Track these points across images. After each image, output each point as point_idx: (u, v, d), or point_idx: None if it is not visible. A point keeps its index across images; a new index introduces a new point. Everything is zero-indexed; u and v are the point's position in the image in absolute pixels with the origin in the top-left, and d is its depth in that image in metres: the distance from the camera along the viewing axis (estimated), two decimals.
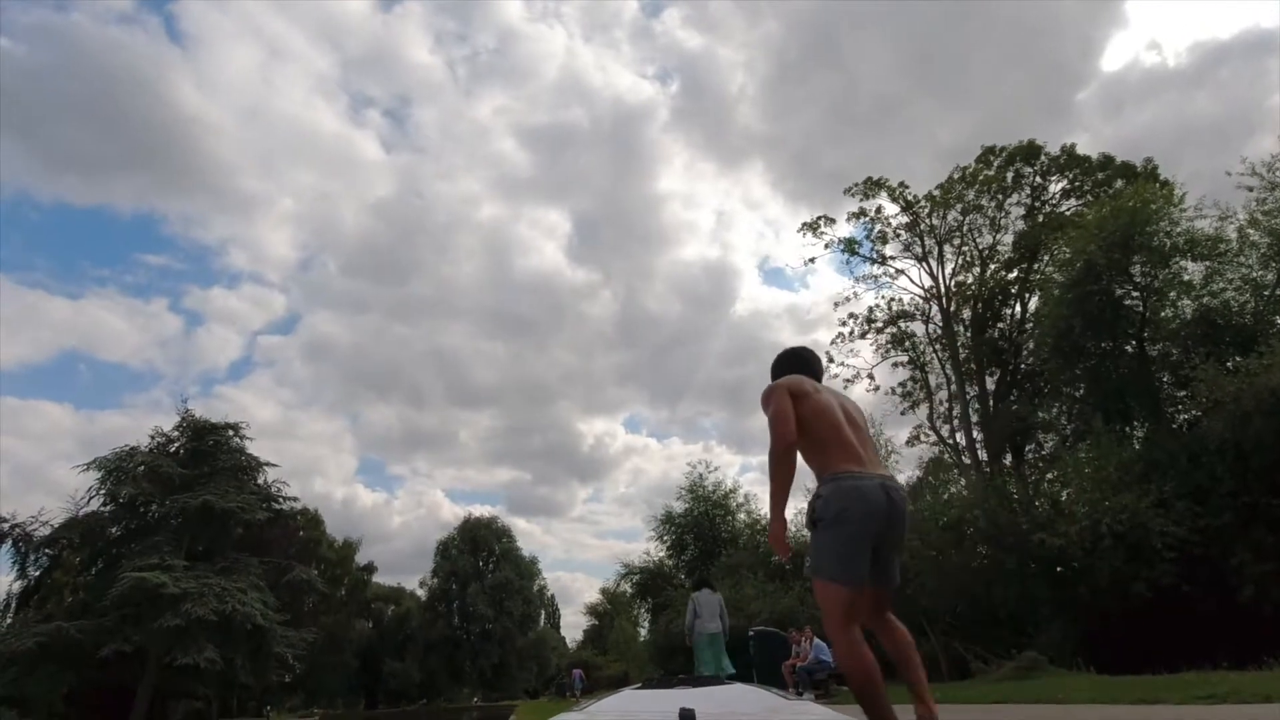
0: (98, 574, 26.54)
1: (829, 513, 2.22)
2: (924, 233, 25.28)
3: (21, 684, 23.58)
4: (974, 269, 24.86)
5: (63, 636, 22.87)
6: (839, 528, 2.19)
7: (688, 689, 2.17)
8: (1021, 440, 22.34)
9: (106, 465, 26.83)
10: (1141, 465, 13.17)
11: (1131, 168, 21.97)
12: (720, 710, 1.45)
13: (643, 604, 29.83)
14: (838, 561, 2.17)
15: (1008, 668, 10.69)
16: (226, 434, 29.64)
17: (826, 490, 2.28)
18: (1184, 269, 15.43)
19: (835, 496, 2.24)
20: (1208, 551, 11.63)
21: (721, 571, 20.62)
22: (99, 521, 26.93)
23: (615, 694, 2.26)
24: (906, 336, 25.92)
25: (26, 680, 23.50)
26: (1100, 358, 16.71)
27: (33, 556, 26.39)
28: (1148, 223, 15.03)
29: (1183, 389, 15.03)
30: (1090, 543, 11.94)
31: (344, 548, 51.21)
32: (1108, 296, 15.63)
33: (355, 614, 51.76)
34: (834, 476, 2.29)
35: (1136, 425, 16.26)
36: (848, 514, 2.19)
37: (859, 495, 2.22)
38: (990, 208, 24.25)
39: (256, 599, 26.16)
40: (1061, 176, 23.55)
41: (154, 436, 28.95)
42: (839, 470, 2.30)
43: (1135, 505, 11.87)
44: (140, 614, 23.64)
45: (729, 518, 27.24)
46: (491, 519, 59.48)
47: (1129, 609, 11.56)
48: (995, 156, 24.05)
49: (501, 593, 54.71)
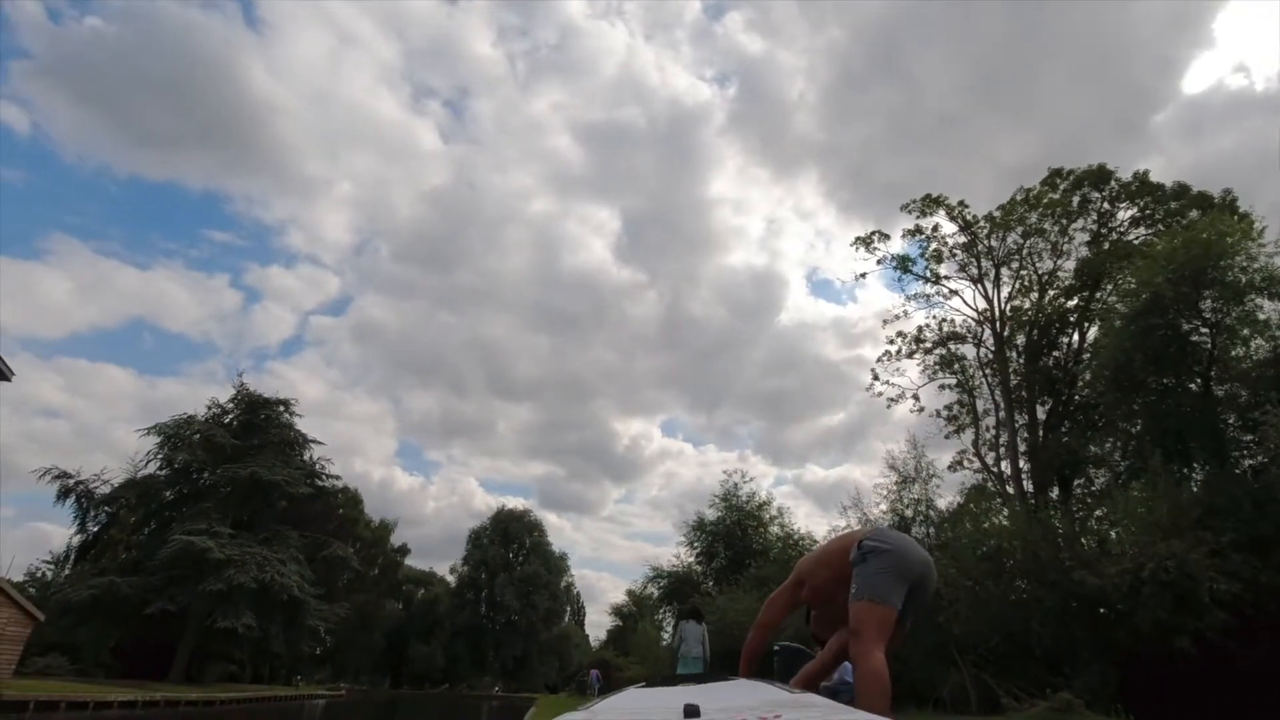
0: (150, 534, 27.82)
1: (880, 545, 2.52)
2: (981, 254, 24.63)
3: (74, 632, 24.88)
4: (1032, 294, 24.09)
5: (114, 591, 24.03)
6: (885, 557, 2.48)
7: (691, 686, 2.18)
8: (1070, 474, 21.53)
9: (165, 431, 28.13)
10: (1199, 510, 12.54)
11: (1209, 198, 20.97)
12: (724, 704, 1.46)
13: (668, 608, 29.73)
14: (882, 585, 2.42)
15: (1041, 708, 10.32)
16: (278, 409, 30.73)
17: (876, 534, 2.62)
18: (1259, 307, 14.66)
19: (885, 537, 2.59)
20: (1263, 609, 11.00)
21: (750, 583, 20.43)
22: (155, 484, 28.25)
23: (619, 692, 2.28)
24: (956, 359, 25.27)
25: (79, 629, 24.78)
26: (1161, 394, 16.00)
27: (93, 513, 27.82)
28: (1222, 256, 14.32)
29: (1250, 433, 14.27)
30: (1130, 587, 11.44)
31: (380, 528, 52.49)
32: (1174, 331, 14.95)
33: (386, 594, 52.98)
34: (878, 529, 2.76)
35: (1196, 467, 15.51)
36: (895, 551, 2.51)
37: (905, 542, 2.60)
38: (1053, 232, 23.47)
39: (294, 571, 27.04)
40: (1132, 204, 22.63)
41: (210, 407, 30.27)
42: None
43: (1185, 554, 11.31)
44: (186, 576, 24.69)
45: (761, 529, 26.96)
46: (524, 512, 60.23)
47: (1172, 659, 11.03)
48: (1062, 179, 23.27)
49: (529, 585, 55.28)
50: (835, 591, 2.69)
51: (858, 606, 2.42)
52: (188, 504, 27.96)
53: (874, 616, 2.38)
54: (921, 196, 25.32)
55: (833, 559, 2.78)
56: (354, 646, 46.08)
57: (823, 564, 2.84)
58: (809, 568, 2.93)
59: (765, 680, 2.23)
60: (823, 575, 2.80)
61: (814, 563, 2.93)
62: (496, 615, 55.08)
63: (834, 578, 2.70)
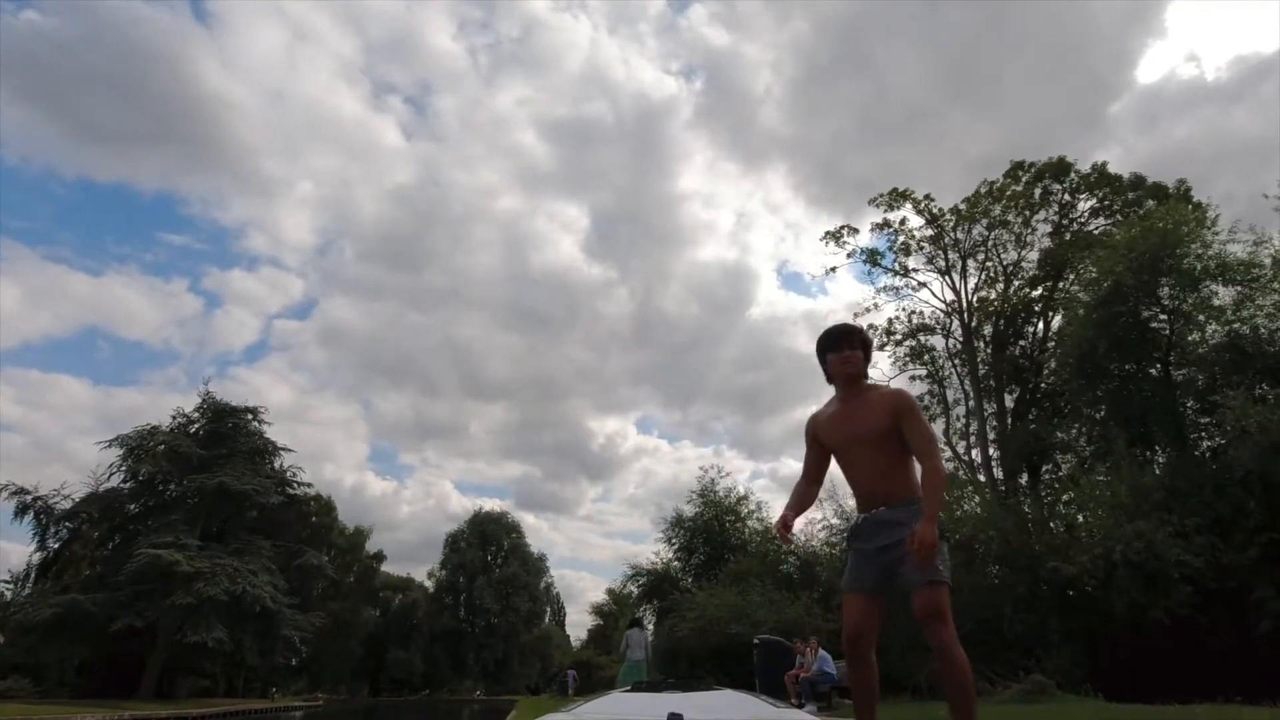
0: (114, 549, 27.07)
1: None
2: (948, 246, 25.03)
3: (36, 652, 24.11)
4: (997, 285, 24.56)
5: (78, 608, 23.34)
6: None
7: (677, 693, 2.15)
8: (1039, 460, 22.01)
9: (128, 443, 27.36)
10: (1162, 493, 12.90)
11: (1163, 188, 21.58)
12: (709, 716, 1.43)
13: (648, 606, 29.77)
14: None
15: (1014, 690, 10.52)
16: (245, 417, 30.10)
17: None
18: (1214, 293, 15.12)
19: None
20: (1225, 585, 11.37)
21: (729, 578, 20.52)
22: (118, 498, 27.47)
23: (603, 696, 2.25)
24: (926, 350, 25.67)
25: (41, 649, 24.02)
26: (1123, 380, 16.42)
27: (53, 529, 26.98)
28: (1178, 245, 14.75)
29: (1208, 416, 14.71)
30: (1104, 571, 11.73)
31: (354, 535, 51.76)
32: (1134, 318, 15.36)
33: (363, 601, 52.28)
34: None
35: (1158, 451, 15.95)
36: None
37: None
38: (1017, 224, 23.95)
39: (267, 581, 26.52)
40: (1091, 195, 23.20)
41: (175, 416, 29.52)
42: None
43: (1152, 534, 11.64)
44: (153, 590, 24.07)
45: (739, 524, 27.10)
46: (502, 514, 59.84)
47: (1141, 638, 11.34)
48: (1024, 172, 23.76)
49: (509, 588, 54.95)
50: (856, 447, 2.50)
51: (944, 591, 2.23)
52: (154, 516, 27.22)
53: (949, 600, 2.25)
54: (889, 190, 25.69)
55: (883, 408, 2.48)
56: (331, 655, 45.38)
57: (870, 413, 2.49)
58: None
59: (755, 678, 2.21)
60: (848, 431, 2.52)
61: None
62: (476, 619, 54.66)
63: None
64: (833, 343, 2.58)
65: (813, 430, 2.63)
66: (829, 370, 2.59)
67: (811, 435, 2.64)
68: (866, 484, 2.49)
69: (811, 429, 2.64)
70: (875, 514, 2.43)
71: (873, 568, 2.39)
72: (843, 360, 2.53)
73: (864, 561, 2.41)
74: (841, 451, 2.55)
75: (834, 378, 2.59)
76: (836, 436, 2.55)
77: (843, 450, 2.54)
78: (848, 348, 2.55)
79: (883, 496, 2.43)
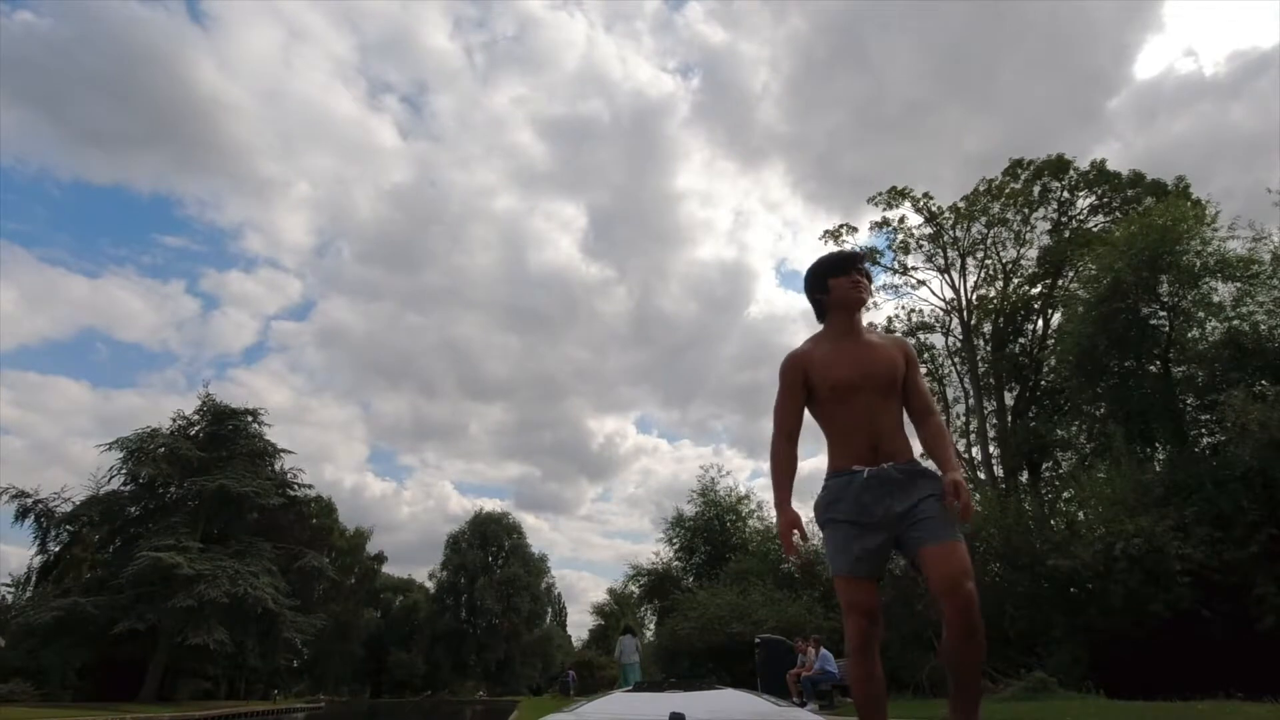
0: (115, 552, 27.06)
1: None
2: (947, 244, 25.05)
3: (38, 656, 24.11)
4: (996, 283, 24.58)
5: (79, 611, 23.33)
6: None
7: (679, 693, 2.16)
8: (1039, 457, 22.02)
9: (128, 445, 27.35)
10: (1162, 489, 12.92)
11: (1162, 185, 21.60)
12: (710, 715, 1.43)
13: (649, 606, 29.77)
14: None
15: (1015, 687, 10.53)
16: (245, 419, 30.10)
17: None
18: (1213, 290, 15.13)
19: None
20: (1226, 579, 11.37)
21: (729, 577, 20.53)
22: (119, 500, 27.47)
23: (606, 695, 2.25)
24: (925, 348, 25.68)
25: (42, 652, 24.03)
26: (1123, 377, 16.43)
27: (54, 532, 26.99)
28: (1177, 242, 14.76)
29: (1207, 412, 14.71)
30: (1105, 565, 11.74)
31: (355, 536, 51.74)
32: (1133, 315, 15.36)
33: (364, 603, 52.27)
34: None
35: (1158, 447, 15.96)
36: None
37: None
38: (1015, 221, 23.97)
39: (268, 583, 26.52)
40: (1090, 192, 23.21)
41: (175, 419, 29.52)
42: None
43: (1153, 529, 11.66)
44: (154, 593, 24.07)
45: (740, 523, 27.12)
46: (503, 514, 59.83)
47: (1141, 633, 11.34)
48: (1023, 170, 23.76)
49: (510, 588, 54.95)
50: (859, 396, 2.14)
51: (964, 548, 1.98)
52: (154, 519, 27.22)
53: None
54: (887, 189, 25.70)
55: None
56: (332, 657, 45.38)
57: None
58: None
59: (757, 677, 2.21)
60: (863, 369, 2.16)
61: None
62: (477, 619, 54.67)
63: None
64: (839, 265, 2.26)
65: (802, 369, 2.21)
66: (829, 299, 2.25)
67: (799, 376, 2.21)
68: (871, 435, 2.11)
69: (800, 368, 2.21)
70: (882, 471, 2.07)
71: (877, 539, 2.04)
72: (852, 283, 2.21)
73: (864, 535, 2.05)
74: (843, 396, 2.14)
75: (833, 309, 2.25)
76: (841, 375, 2.14)
77: (845, 394, 2.13)
78: (855, 271, 2.23)
79: (889, 452, 2.10)
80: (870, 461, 2.09)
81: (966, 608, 1.92)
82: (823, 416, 2.22)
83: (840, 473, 2.14)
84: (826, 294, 2.25)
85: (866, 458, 2.10)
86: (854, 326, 2.23)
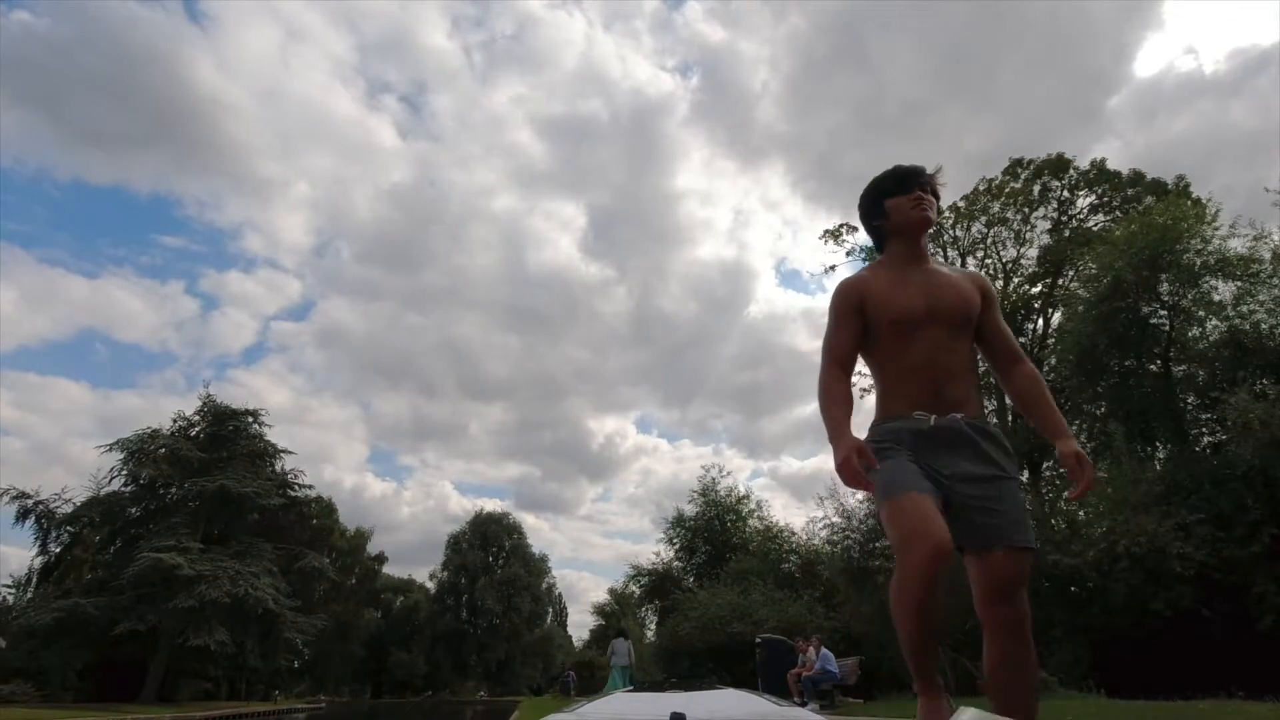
0: (116, 553, 27.06)
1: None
2: (947, 244, 25.02)
3: (38, 657, 24.11)
4: (996, 282, 24.56)
5: (80, 613, 23.34)
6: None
7: (679, 693, 2.16)
8: (1039, 457, 22.00)
9: (129, 446, 27.36)
10: (1162, 487, 12.93)
11: (1162, 185, 21.59)
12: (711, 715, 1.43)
13: (650, 606, 29.79)
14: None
15: None
16: (246, 420, 30.09)
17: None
18: (1214, 289, 15.13)
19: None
20: (1227, 578, 11.38)
21: (730, 577, 20.54)
22: (119, 501, 27.48)
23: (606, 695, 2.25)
24: None
25: (43, 653, 24.03)
26: (1123, 376, 16.43)
27: (54, 533, 27.00)
28: (1177, 241, 14.76)
29: (1208, 411, 14.71)
30: (1107, 564, 11.75)
31: (355, 536, 51.74)
32: (1134, 314, 15.37)
33: (364, 603, 52.27)
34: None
35: (1159, 446, 15.97)
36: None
37: None
38: (1016, 220, 23.96)
39: (269, 584, 26.53)
40: (1090, 191, 23.21)
41: (175, 420, 29.52)
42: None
43: (1155, 528, 11.66)
44: (155, 594, 24.07)
45: (740, 523, 27.13)
46: (503, 515, 59.84)
47: (1142, 633, 11.34)
48: (1023, 169, 23.75)
49: (510, 588, 54.95)
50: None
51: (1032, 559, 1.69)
52: (155, 520, 27.23)
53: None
54: None
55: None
56: (333, 658, 45.38)
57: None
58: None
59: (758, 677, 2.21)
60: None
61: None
62: (478, 620, 54.67)
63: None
64: (896, 182, 1.91)
65: (858, 297, 1.88)
66: (887, 224, 1.93)
67: (854, 303, 1.88)
68: (936, 379, 1.77)
69: (856, 295, 1.88)
70: (952, 422, 1.73)
71: (934, 488, 1.68)
72: (914, 202, 1.88)
73: (925, 477, 1.71)
74: (905, 331, 1.81)
75: (893, 234, 1.92)
76: (904, 307, 1.81)
77: (908, 329, 1.80)
78: (918, 188, 1.88)
79: (957, 400, 1.77)
80: (934, 409, 1.75)
81: (1021, 626, 1.66)
82: (879, 355, 1.90)
83: (895, 417, 1.79)
84: (884, 218, 1.93)
85: (930, 404, 1.76)
86: (919, 252, 1.92)
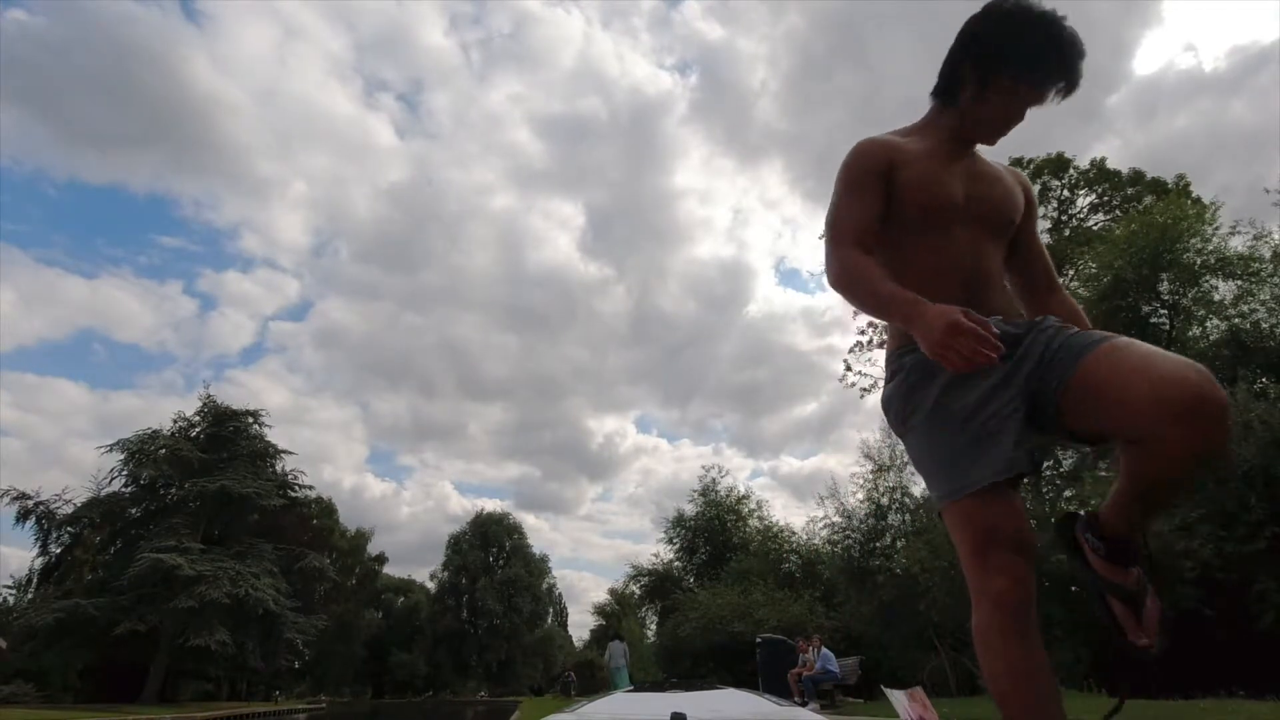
0: (116, 553, 27.07)
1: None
2: None
3: (39, 657, 24.12)
4: None
5: (80, 613, 23.34)
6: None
7: (680, 693, 2.15)
8: (1040, 456, 21.99)
9: (129, 447, 27.37)
10: None
11: (1162, 184, 21.60)
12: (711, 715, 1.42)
13: (651, 606, 29.81)
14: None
15: None
16: (246, 420, 30.11)
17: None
18: (1214, 288, 15.14)
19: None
20: (1229, 577, 11.37)
21: (731, 577, 20.55)
22: (120, 502, 27.49)
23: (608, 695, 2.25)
24: None
25: (44, 654, 24.04)
26: None
27: (55, 534, 27.00)
28: (1177, 240, 14.77)
29: None
30: None
31: (356, 537, 51.77)
32: (1134, 313, 15.38)
33: (365, 604, 52.28)
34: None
35: None
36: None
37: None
38: None
39: (269, 584, 26.54)
40: (1090, 190, 23.23)
41: (176, 420, 29.53)
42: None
43: (1161, 527, 11.66)
44: (156, 594, 24.08)
45: (740, 523, 27.14)
46: (503, 515, 59.79)
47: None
48: (1022, 168, 23.76)
49: (511, 589, 54.94)
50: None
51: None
52: (155, 521, 27.24)
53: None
54: None
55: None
56: (334, 658, 45.39)
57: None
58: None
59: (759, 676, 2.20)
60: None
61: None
62: (479, 620, 54.66)
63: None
64: (1038, 67, 1.48)
65: (887, 163, 1.49)
66: (970, 98, 1.51)
67: (883, 168, 1.48)
68: (971, 281, 1.45)
69: (884, 160, 1.49)
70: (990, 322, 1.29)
71: (1015, 402, 1.35)
72: (1039, 99, 1.51)
73: (977, 415, 1.36)
74: (940, 222, 1.46)
75: (969, 116, 1.52)
76: (945, 193, 1.47)
77: (943, 220, 1.46)
78: (1054, 88, 1.51)
79: (995, 306, 1.45)
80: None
81: (1221, 410, 1.14)
82: (902, 248, 1.49)
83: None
84: (984, 86, 1.49)
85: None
86: (966, 143, 1.57)
